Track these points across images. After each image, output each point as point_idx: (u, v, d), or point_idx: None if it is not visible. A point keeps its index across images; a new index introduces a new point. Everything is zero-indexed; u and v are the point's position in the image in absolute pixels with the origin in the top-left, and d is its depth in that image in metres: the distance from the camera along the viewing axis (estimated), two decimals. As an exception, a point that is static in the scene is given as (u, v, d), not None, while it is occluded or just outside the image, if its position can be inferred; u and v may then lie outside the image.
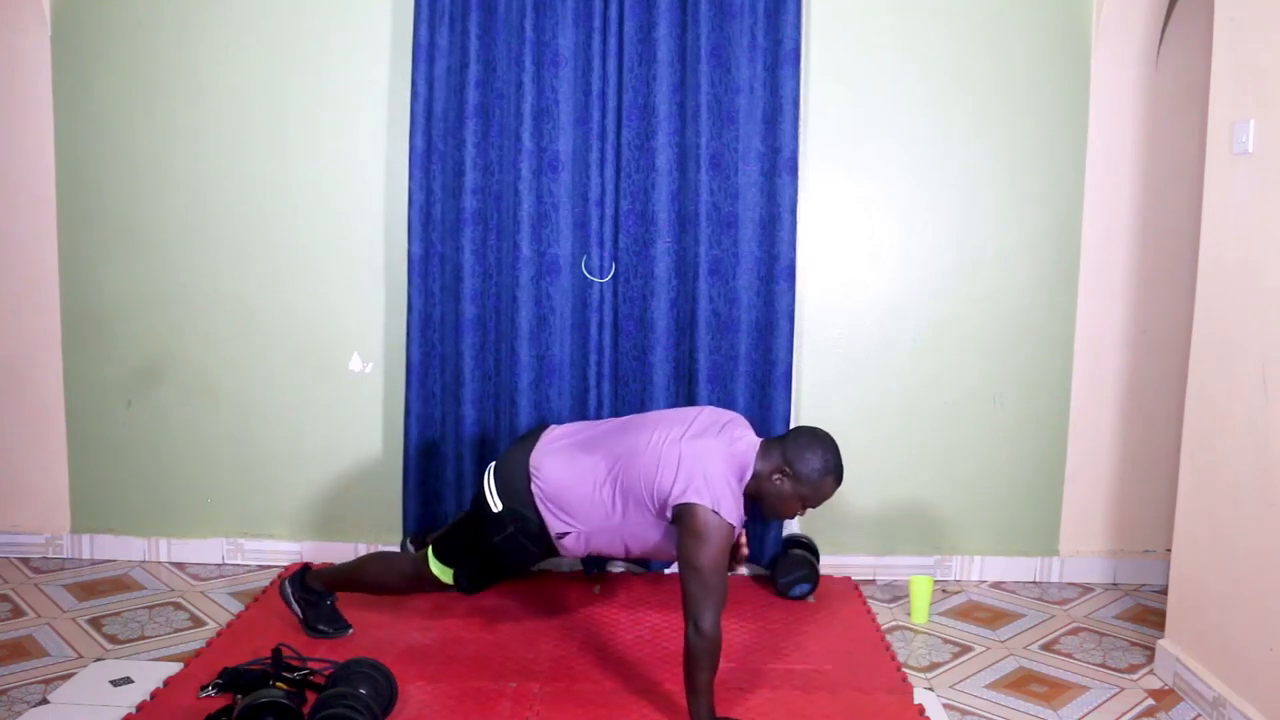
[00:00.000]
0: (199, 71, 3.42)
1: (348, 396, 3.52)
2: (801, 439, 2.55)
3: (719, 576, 2.38)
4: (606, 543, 2.63)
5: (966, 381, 3.50)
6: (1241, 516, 2.51)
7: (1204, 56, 3.05)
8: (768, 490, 2.53)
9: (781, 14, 3.22)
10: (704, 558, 2.37)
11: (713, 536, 2.38)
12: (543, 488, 2.60)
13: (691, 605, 2.36)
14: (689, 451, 2.48)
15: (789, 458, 2.51)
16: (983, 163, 3.43)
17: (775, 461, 2.52)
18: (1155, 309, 3.49)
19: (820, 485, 2.52)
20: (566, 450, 2.65)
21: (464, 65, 3.25)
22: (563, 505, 2.60)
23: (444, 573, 2.75)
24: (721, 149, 3.28)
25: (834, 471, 2.53)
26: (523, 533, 2.63)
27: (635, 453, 2.55)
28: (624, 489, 2.54)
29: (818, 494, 2.53)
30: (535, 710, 2.53)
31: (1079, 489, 3.55)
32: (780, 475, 2.51)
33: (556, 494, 2.60)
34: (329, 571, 2.97)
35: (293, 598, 2.93)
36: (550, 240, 3.30)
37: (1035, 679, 2.83)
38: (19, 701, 2.55)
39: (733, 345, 3.35)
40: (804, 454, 2.51)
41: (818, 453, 2.52)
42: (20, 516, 3.60)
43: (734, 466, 2.49)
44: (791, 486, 2.51)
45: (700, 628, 2.33)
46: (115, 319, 3.52)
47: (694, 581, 2.37)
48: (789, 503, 2.54)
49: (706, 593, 2.36)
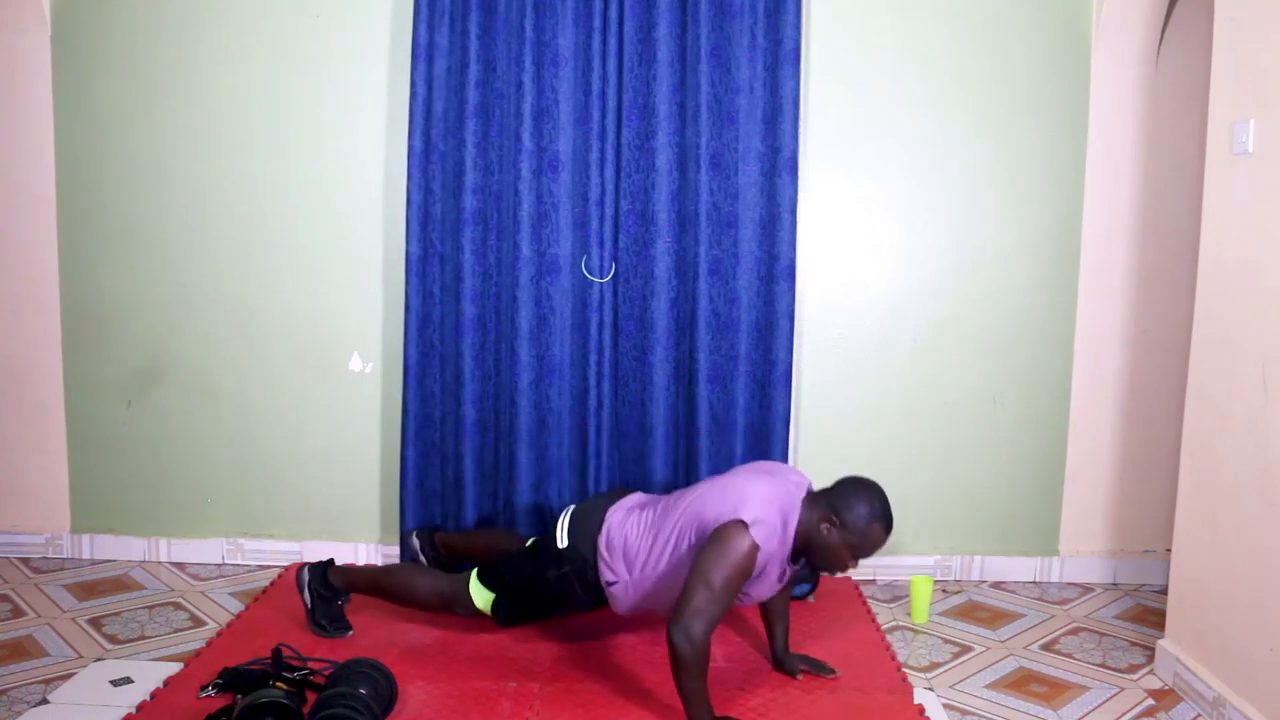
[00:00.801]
0: (199, 71, 3.42)
1: (348, 396, 3.52)
2: (847, 487, 2.52)
3: (728, 594, 2.35)
4: (652, 592, 2.61)
5: (966, 381, 3.50)
6: (1241, 516, 2.51)
7: (1204, 56, 3.05)
8: (816, 541, 2.49)
9: (781, 14, 3.22)
10: (719, 571, 2.34)
11: (736, 552, 2.35)
12: (608, 535, 2.65)
13: (687, 610, 2.32)
14: (734, 483, 2.53)
15: (835, 506, 2.48)
16: (983, 163, 3.43)
17: (822, 511, 2.49)
18: (1155, 309, 3.49)
19: (868, 533, 2.46)
20: (635, 507, 2.71)
21: (464, 65, 3.25)
22: (615, 555, 2.62)
23: (483, 598, 2.76)
24: (721, 149, 3.28)
25: (881, 518, 2.47)
26: (577, 575, 2.66)
27: (686, 498, 2.60)
28: (672, 532, 2.55)
29: (866, 542, 2.47)
30: (535, 710, 2.53)
31: (1079, 489, 3.55)
32: (828, 525, 2.48)
33: (614, 543, 2.64)
34: (355, 571, 2.96)
35: (307, 587, 2.93)
36: (550, 240, 3.30)
37: (1035, 679, 2.83)
38: (19, 701, 2.55)
39: (733, 345, 3.35)
40: (849, 502, 2.47)
41: (864, 500, 2.47)
42: (20, 516, 3.61)
43: (783, 504, 2.48)
44: (840, 536, 2.47)
45: (690, 634, 2.30)
46: (115, 319, 3.52)
47: (701, 590, 2.33)
48: (839, 553, 2.49)
49: (708, 604, 2.33)
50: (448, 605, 2.82)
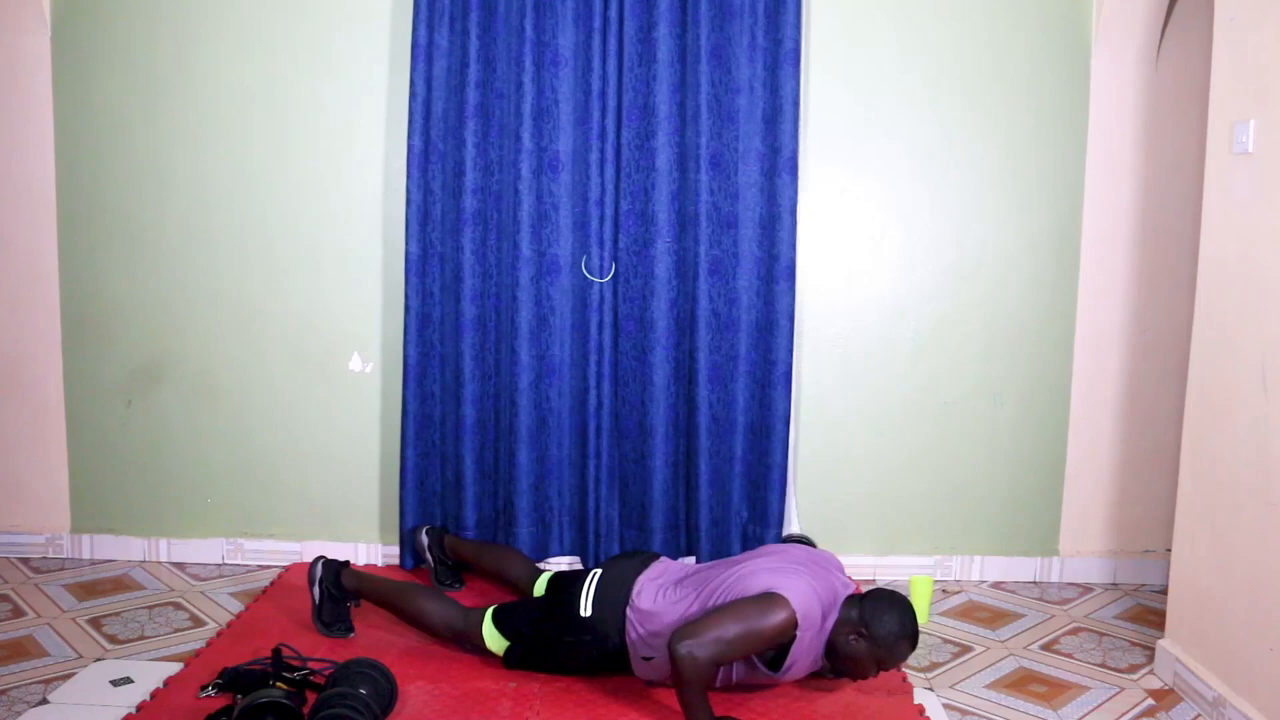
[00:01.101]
0: (199, 71, 3.42)
1: (347, 396, 3.52)
2: (880, 602, 2.52)
3: (744, 642, 2.36)
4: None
5: (966, 381, 3.50)
6: (1241, 517, 2.51)
7: (1204, 56, 3.06)
8: (843, 648, 2.50)
9: (781, 14, 3.22)
10: (748, 621, 2.35)
11: (772, 618, 2.36)
12: (639, 610, 2.59)
13: (699, 635, 2.32)
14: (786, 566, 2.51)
15: (865, 618, 2.49)
16: (983, 163, 3.43)
17: (853, 619, 2.50)
18: (1155, 309, 3.48)
19: (895, 648, 2.48)
20: (668, 584, 2.64)
21: (464, 65, 3.25)
22: (653, 631, 2.56)
23: (497, 643, 2.73)
24: (721, 149, 3.28)
25: (910, 636, 2.49)
26: (598, 646, 2.62)
27: (725, 575, 2.56)
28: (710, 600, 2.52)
29: (891, 656, 2.50)
30: (535, 710, 2.53)
31: (1079, 489, 3.55)
32: (856, 635, 2.49)
33: (649, 621, 2.57)
34: (370, 580, 2.94)
35: (318, 582, 2.92)
36: (550, 240, 3.30)
37: (1035, 679, 2.83)
38: (19, 701, 2.55)
39: (733, 345, 3.35)
40: (880, 616, 2.48)
41: (894, 616, 2.48)
42: (20, 516, 3.61)
43: (825, 600, 2.48)
44: (867, 647, 2.48)
45: (695, 656, 2.31)
46: (115, 319, 3.52)
47: (723, 624, 2.34)
48: (863, 664, 2.50)
49: (720, 642, 2.33)
50: (457, 639, 2.80)
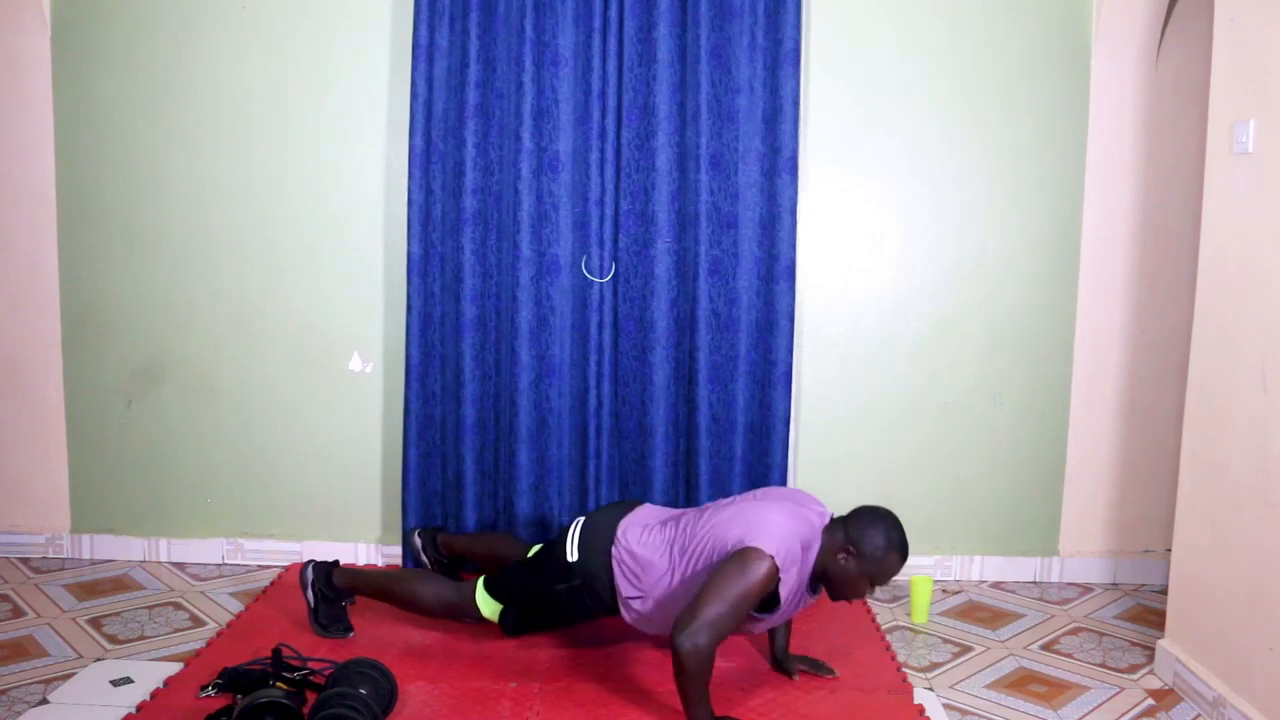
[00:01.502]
0: (199, 71, 3.42)
1: (348, 396, 3.52)
2: (864, 517, 2.53)
3: (738, 613, 2.36)
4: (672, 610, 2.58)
5: (966, 381, 3.50)
6: (1242, 516, 2.51)
7: (1204, 56, 3.05)
8: (834, 570, 2.51)
9: (781, 14, 3.22)
10: (734, 589, 2.35)
11: (754, 575, 2.36)
12: (623, 549, 2.63)
13: (696, 620, 2.32)
14: (758, 509, 2.53)
15: (851, 536, 2.49)
16: (983, 163, 3.43)
17: (839, 540, 2.51)
18: (1155, 309, 3.48)
19: (884, 562, 2.48)
20: (652, 525, 2.68)
21: (464, 65, 3.25)
22: (636, 572, 2.61)
23: (490, 609, 2.76)
24: (721, 149, 3.28)
25: (898, 548, 2.49)
26: (588, 590, 2.65)
27: (705, 520, 2.59)
28: (691, 553, 2.54)
29: (882, 571, 2.49)
30: (535, 710, 2.53)
31: (1079, 489, 3.55)
32: (845, 554, 2.49)
33: (633, 560, 2.62)
34: (360, 574, 2.96)
35: (310, 586, 2.92)
36: (550, 240, 3.30)
37: (1035, 679, 2.83)
38: (19, 701, 2.55)
39: (733, 345, 3.35)
40: (866, 531, 2.48)
41: (880, 530, 2.48)
42: (20, 516, 3.60)
43: (803, 534, 2.49)
44: (857, 565, 2.49)
45: (696, 643, 2.30)
46: (115, 319, 3.52)
47: (714, 604, 2.33)
48: (856, 582, 2.51)
49: (718, 619, 2.33)
50: (453, 614, 2.82)
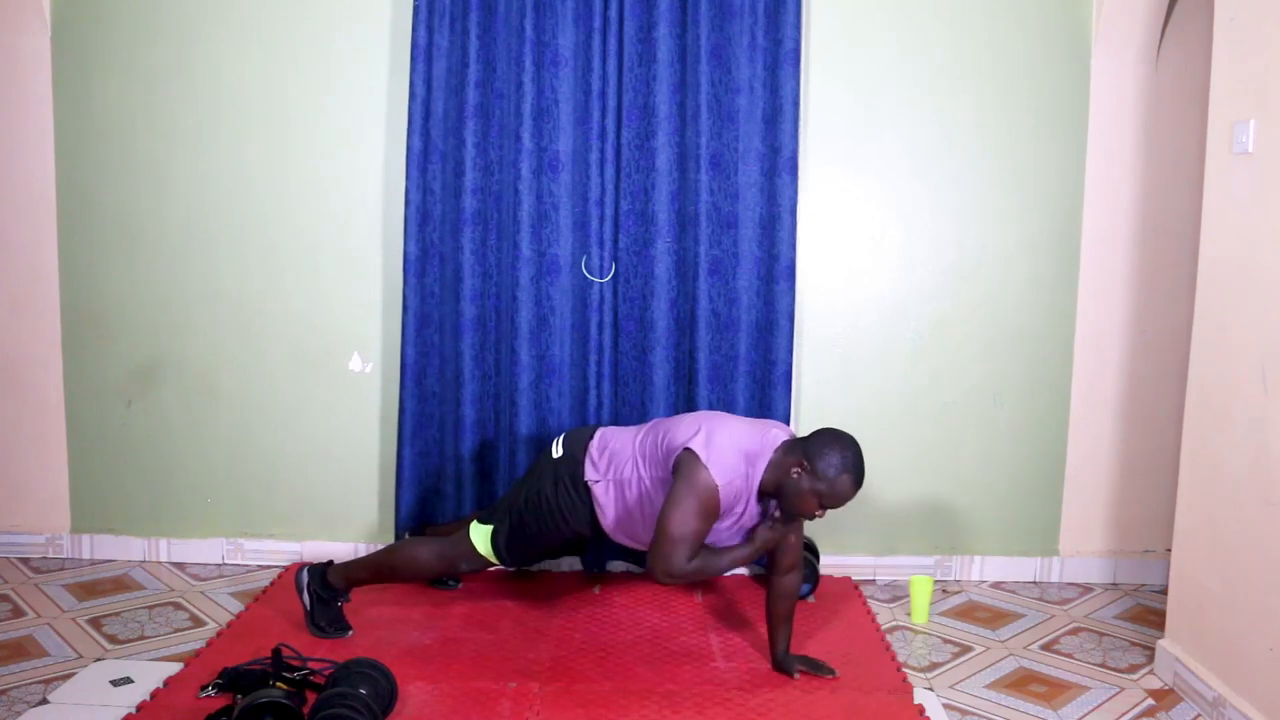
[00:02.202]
0: (199, 72, 3.42)
1: (347, 396, 3.52)
2: (823, 436, 2.58)
3: (695, 519, 2.47)
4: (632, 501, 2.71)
5: (966, 381, 3.50)
6: (1241, 516, 2.51)
7: (1204, 56, 3.06)
8: (786, 484, 2.56)
9: (781, 14, 3.22)
10: (679, 506, 2.48)
11: (695, 486, 2.48)
12: (596, 441, 2.82)
13: (658, 554, 2.47)
14: (710, 418, 2.64)
15: (808, 453, 2.54)
16: (983, 162, 3.43)
17: (795, 455, 2.56)
18: (1155, 309, 3.48)
19: (836, 483, 2.51)
20: (631, 429, 2.86)
21: (464, 65, 3.25)
22: (603, 455, 2.77)
23: (482, 538, 2.83)
24: (721, 149, 3.28)
25: (851, 469, 2.52)
26: (572, 480, 2.76)
27: (668, 423, 2.75)
28: (648, 446, 2.68)
29: (833, 491, 2.52)
30: (535, 710, 2.53)
31: (1079, 489, 3.55)
32: (798, 469, 2.54)
33: (602, 447, 2.79)
34: (354, 564, 2.97)
35: (306, 588, 2.93)
36: (550, 240, 3.30)
37: (1035, 679, 2.83)
38: (19, 701, 2.55)
39: (733, 345, 3.35)
40: (823, 450, 2.53)
41: (836, 450, 2.52)
42: (20, 516, 3.60)
43: (749, 445, 2.57)
44: (809, 482, 2.53)
45: (670, 568, 2.46)
46: (115, 319, 3.52)
47: (670, 525, 2.48)
48: (805, 498, 2.54)
49: (678, 532, 2.46)
50: (452, 563, 2.88)
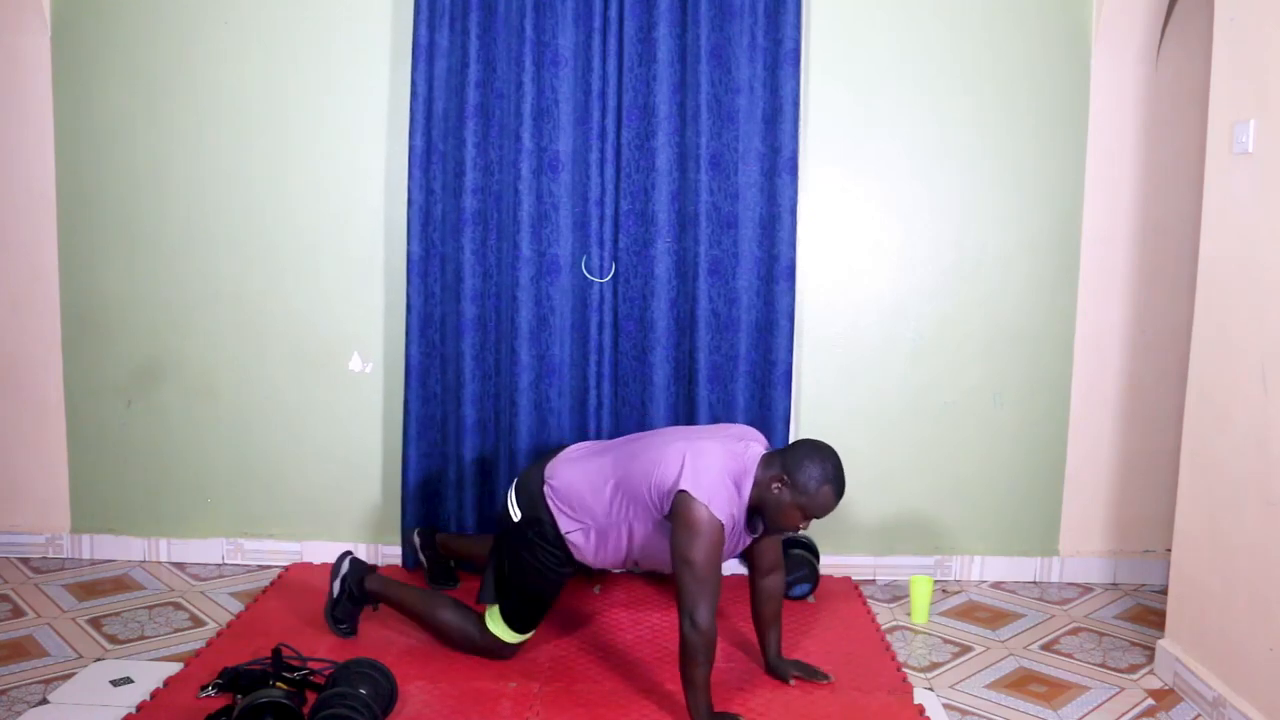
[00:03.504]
0: (199, 72, 3.42)
1: (348, 396, 3.52)
2: (802, 449, 2.53)
3: (711, 570, 2.41)
4: (614, 547, 2.64)
5: (966, 381, 3.50)
6: (1241, 516, 2.51)
7: (1204, 56, 3.06)
8: (768, 500, 2.51)
9: (781, 14, 3.22)
10: (696, 551, 2.39)
11: (704, 530, 2.40)
12: (554, 487, 2.67)
13: (686, 600, 2.39)
14: (690, 449, 2.52)
15: (788, 466, 2.50)
16: (983, 163, 3.43)
17: (775, 470, 2.51)
18: (1155, 309, 3.48)
19: (817, 495, 2.47)
20: (580, 459, 2.73)
21: (464, 65, 3.25)
22: (571, 504, 2.64)
23: (494, 619, 2.73)
24: (721, 149, 3.28)
25: (832, 481, 2.48)
26: (540, 537, 2.66)
27: (638, 454, 2.61)
28: (627, 489, 2.57)
29: (814, 504, 2.48)
30: (535, 710, 2.53)
31: (1079, 489, 3.55)
32: (779, 484, 2.49)
33: (566, 493, 2.65)
34: (393, 585, 2.93)
35: (342, 579, 2.92)
36: (550, 240, 3.30)
37: (1035, 679, 2.83)
38: (19, 701, 2.55)
39: (733, 345, 3.35)
40: (802, 463, 2.48)
41: (816, 462, 2.48)
42: (20, 516, 3.60)
43: (734, 469, 2.50)
44: (790, 496, 2.48)
45: (696, 622, 2.37)
46: (115, 319, 3.52)
47: (687, 575, 2.40)
48: (788, 512, 2.50)
49: (700, 586, 2.39)
50: (477, 652, 2.78)
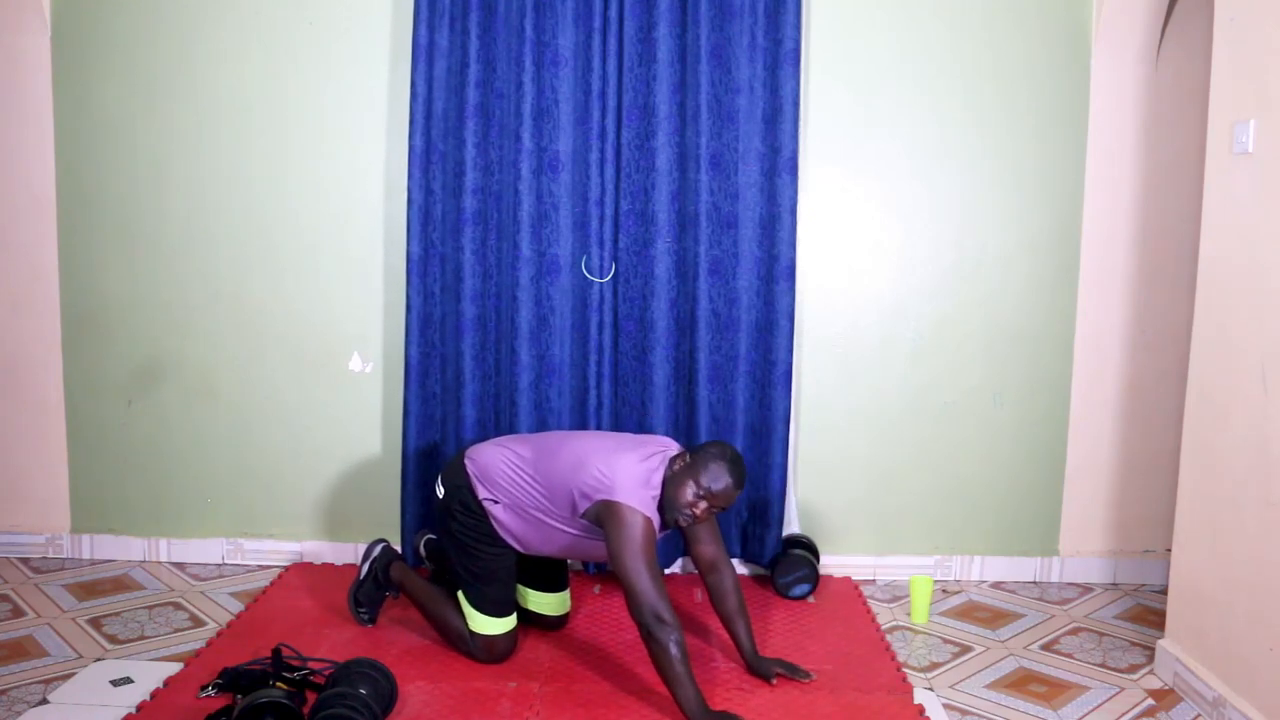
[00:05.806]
0: (199, 72, 3.42)
1: (348, 396, 3.52)
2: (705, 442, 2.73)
3: (653, 566, 2.49)
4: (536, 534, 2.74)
5: (966, 381, 3.50)
6: (1241, 516, 2.51)
7: (1204, 56, 3.06)
8: (670, 486, 2.61)
9: (781, 14, 3.22)
10: (630, 550, 2.48)
11: (633, 527, 2.50)
12: (474, 460, 2.80)
13: (642, 600, 2.45)
14: (594, 450, 2.66)
15: (689, 452, 2.67)
16: (983, 163, 3.43)
17: (682, 459, 2.65)
18: (1155, 309, 3.48)
19: (709, 467, 2.58)
20: (500, 444, 2.85)
21: (464, 65, 3.25)
22: (489, 479, 2.76)
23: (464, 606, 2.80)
24: (721, 149, 3.28)
25: (727, 459, 2.60)
26: (464, 509, 2.75)
27: (557, 451, 2.72)
28: (545, 480, 2.68)
29: (709, 475, 2.57)
30: (535, 710, 2.53)
31: (1079, 489, 3.55)
32: (680, 463, 2.63)
33: (484, 470, 2.77)
34: (412, 576, 3.00)
35: (372, 561, 3.02)
36: (550, 240, 3.30)
37: (1035, 679, 2.83)
38: (19, 701, 2.55)
39: (733, 345, 3.35)
40: (701, 448, 2.65)
41: (714, 445, 2.64)
42: (20, 516, 3.61)
43: (644, 474, 2.60)
44: (688, 475, 2.59)
45: (660, 617, 2.43)
46: (115, 319, 3.52)
47: (633, 576, 2.47)
48: (683, 488, 2.58)
49: (650, 584, 2.45)
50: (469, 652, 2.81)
